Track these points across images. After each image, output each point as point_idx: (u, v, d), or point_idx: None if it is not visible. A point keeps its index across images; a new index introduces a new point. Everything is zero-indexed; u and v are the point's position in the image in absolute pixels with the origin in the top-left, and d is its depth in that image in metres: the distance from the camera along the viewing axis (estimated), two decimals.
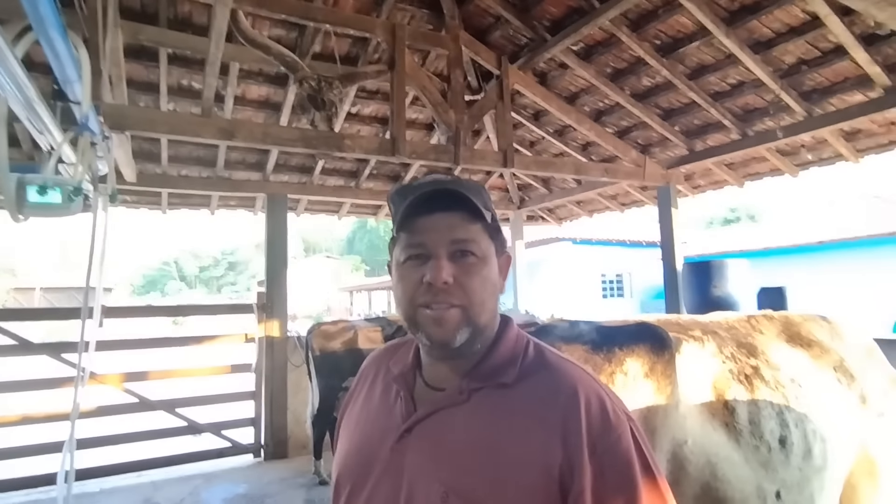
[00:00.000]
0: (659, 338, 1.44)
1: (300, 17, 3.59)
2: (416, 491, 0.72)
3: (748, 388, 1.43)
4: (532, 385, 0.75)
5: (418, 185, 0.79)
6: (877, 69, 3.42)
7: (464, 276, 0.74)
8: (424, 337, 0.76)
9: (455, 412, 0.76)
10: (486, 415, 0.74)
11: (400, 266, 0.78)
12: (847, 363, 1.70)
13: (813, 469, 1.42)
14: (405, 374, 0.84)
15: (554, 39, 3.98)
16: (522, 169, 4.80)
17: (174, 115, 4.16)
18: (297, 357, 4.81)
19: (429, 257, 0.75)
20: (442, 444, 0.74)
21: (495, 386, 0.76)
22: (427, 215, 0.75)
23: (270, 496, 3.97)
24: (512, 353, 0.79)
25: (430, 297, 0.74)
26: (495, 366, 0.77)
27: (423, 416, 0.77)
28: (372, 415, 0.85)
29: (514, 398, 0.74)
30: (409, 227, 0.76)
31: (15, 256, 39.78)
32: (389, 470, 0.76)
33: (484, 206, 0.77)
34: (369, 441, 0.82)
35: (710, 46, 3.83)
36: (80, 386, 2.38)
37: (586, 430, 0.69)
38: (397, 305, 0.80)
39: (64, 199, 1.98)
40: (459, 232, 0.75)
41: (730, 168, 5.29)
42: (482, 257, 0.77)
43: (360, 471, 0.80)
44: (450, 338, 0.74)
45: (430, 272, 0.73)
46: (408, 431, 0.77)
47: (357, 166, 5.92)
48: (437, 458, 0.73)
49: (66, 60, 1.92)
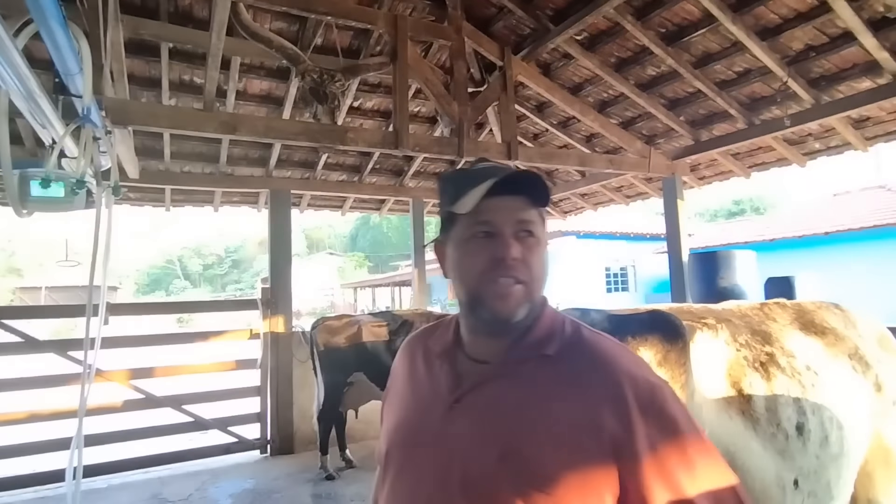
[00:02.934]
0: (672, 326, 1.41)
1: (301, 10, 3.56)
2: (470, 456, 0.77)
3: (764, 376, 1.40)
4: (574, 356, 0.81)
5: (477, 169, 0.86)
6: (885, 55, 3.36)
7: (527, 254, 0.80)
8: (486, 311, 0.80)
9: (502, 382, 0.81)
10: (533, 383, 0.79)
11: (464, 243, 0.82)
12: (861, 351, 1.68)
13: (830, 456, 1.40)
14: (448, 350, 0.89)
15: (557, 29, 3.94)
16: (526, 161, 4.76)
17: (176, 110, 4.14)
18: (303, 352, 4.80)
19: (494, 235, 0.80)
20: (492, 411, 0.79)
21: (539, 357, 0.81)
22: (495, 197, 0.79)
23: (277, 491, 3.97)
24: (551, 328, 0.84)
25: (500, 272, 0.78)
26: (538, 339, 0.83)
27: (471, 387, 0.82)
28: (416, 391, 0.91)
29: (558, 368, 0.80)
30: (477, 206, 0.79)
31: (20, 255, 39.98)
32: (440, 439, 0.81)
33: (545, 193, 0.83)
34: (417, 415, 0.87)
35: (717, 34, 3.77)
36: (87, 383, 2.37)
37: (633, 396, 0.74)
38: (460, 280, 0.83)
39: (67, 193, 1.97)
40: (523, 214, 0.81)
41: (736, 158, 5.24)
42: (540, 238, 0.83)
43: (409, 442, 0.85)
44: (512, 312, 0.79)
45: (502, 248, 0.78)
46: (456, 402, 0.82)
47: (360, 161, 5.89)
48: (488, 425, 0.78)
49: (67, 53, 1.90)
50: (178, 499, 3.88)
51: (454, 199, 0.82)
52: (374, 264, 38.78)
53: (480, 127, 5.46)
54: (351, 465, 4.40)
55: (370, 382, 4.20)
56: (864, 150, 4.40)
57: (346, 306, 28.34)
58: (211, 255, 50.07)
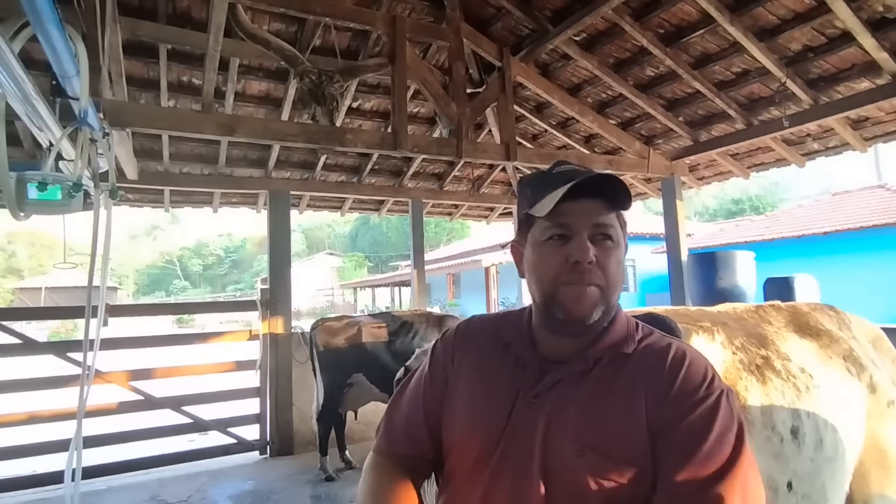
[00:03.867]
0: (668, 329, 1.41)
1: (299, 11, 3.56)
2: (550, 450, 0.80)
3: (759, 379, 1.40)
4: (648, 354, 0.84)
5: (556, 172, 0.87)
6: (884, 55, 3.37)
7: (603, 258, 0.81)
8: (560, 312, 0.81)
9: (579, 380, 0.83)
10: (607, 382, 0.82)
11: (540, 245, 0.84)
12: (856, 353, 1.68)
13: (824, 459, 1.40)
14: (525, 346, 0.90)
15: (556, 30, 3.94)
16: (525, 162, 4.77)
17: (175, 112, 4.14)
18: (302, 353, 4.80)
19: (570, 238, 0.81)
20: (571, 407, 0.81)
21: (616, 356, 0.84)
22: (572, 200, 0.80)
23: (277, 492, 3.97)
24: (627, 330, 0.87)
25: (575, 275, 0.80)
26: (616, 339, 0.85)
27: (551, 385, 0.84)
28: (490, 383, 0.90)
29: (631, 367, 0.83)
30: (554, 209, 0.80)
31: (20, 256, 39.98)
32: (519, 434, 0.83)
33: (625, 197, 0.83)
34: (496, 407, 0.87)
35: (715, 34, 3.78)
36: (87, 384, 2.37)
37: (681, 382, 0.78)
38: (535, 281, 0.85)
39: (64, 196, 1.97)
40: (601, 217, 0.82)
41: (735, 158, 5.24)
42: (617, 242, 0.84)
43: (487, 436, 0.85)
44: (587, 314, 0.80)
45: (577, 251, 0.80)
46: (536, 398, 0.84)
47: (359, 162, 5.89)
48: (567, 421, 0.81)
49: (64, 55, 1.90)
50: (178, 500, 3.88)
51: (532, 202, 0.84)
52: (373, 264, 38.79)
53: (479, 128, 5.46)
54: (350, 467, 4.40)
55: (369, 383, 4.20)
56: (862, 151, 4.41)
57: (346, 306, 28.35)
58: (211, 256, 50.10)
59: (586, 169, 0.87)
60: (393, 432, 0.98)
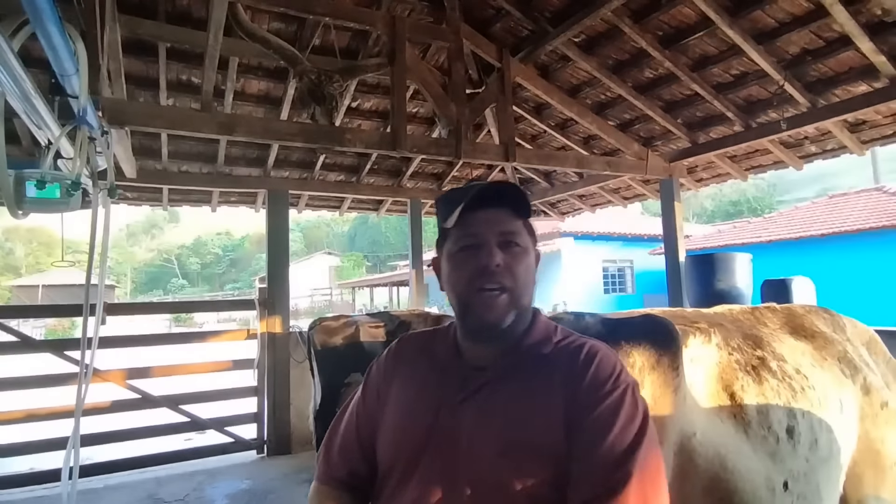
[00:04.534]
0: (665, 330, 1.42)
1: (299, 10, 3.56)
2: (475, 454, 0.82)
3: (755, 380, 1.42)
4: (563, 354, 0.88)
5: (467, 188, 0.90)
6: (882, 59, 3.38)
7: (512, 262, 0.86)
8: (475, 318, 0.86)
9: (500, 384, 0.87)
10: (527, 382, 0.86)
11: (454, 256, 0.89)
12: (850, 354, 1.69)
13: (819, 459, 1.42)
14: (451, 356, 0.94)
15: (555, 31, 3.95)
16: (524, 163, 4.78)
17: (173, 110, 4.14)
18: (300, 353, 4.80)
19: (480, 246, 0.85)
20: (493, 410, 0.85)
21: (534, 358, 0.88)
22: (479, 211, 0.86)
23: (274, 492, 3.97)
24: (545, 334, 0.91)
25: (485, 279, 0.84)
26: (533, 343, 0.90)
27: (474, 390, 0.87)
28: (416, 395, 0.94)
29: (549, 367, 0.87)
30: (462, 221, 0.86)
31: (18, 253, 39.86)
32: (444, 441, 0.85)
33: (526, 204, 0.89)
34: (421, 417, 0.90)
35: (713, 37, 3.79)
36: (84, 383, 2.37)
37: (591, 377, 0.83)
38: (451, 290, 0.89)
39: (62, 194, 1.97)
40: (506, 225, 0.87)
41: (733, 161, 5.26)
42: (524, 248, 0.88)
43: (415, 443, 0.88)
44: (499, 319, 0.85)
45: (485, 257, 0.84)
46: (460, 404, 0.87)
47: (358, 161, 5.89)
48: (491, 422, 0.84)
49: (64, 54, 1.90)
50: (175, 499, 3.87)
51: (445, 217, 0.88)
52: (372, 264, 38.79)
53: (478, 128, 5.46)
54: None
55: None
56: (860, 154, 4.43)
57: (344, 306, 28.33)
58: (209, 254, 50.02)
59: (500, 182, 0.95)
60: (330, 457, 1.02)
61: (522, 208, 0.89)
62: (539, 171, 6.58)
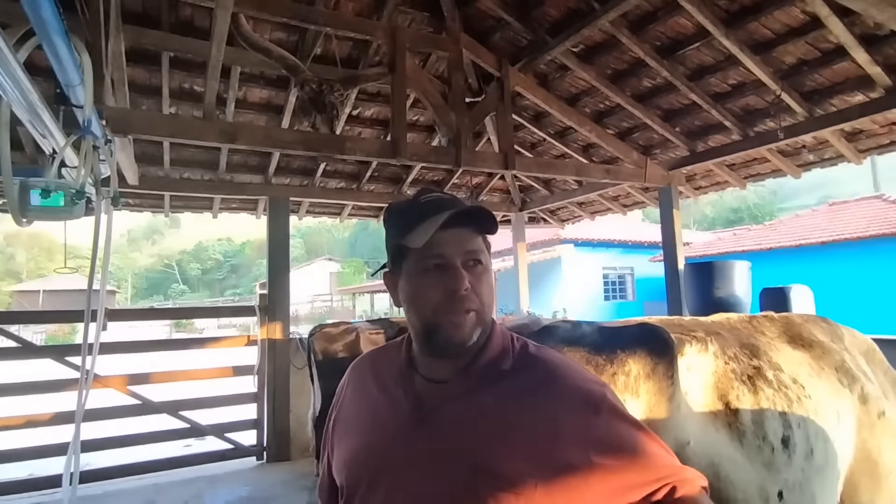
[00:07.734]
0: (661, 339, 1.43)
1: (301, 21, 3.60)
2: (441, 473, 0.78)
3: (751, 389, 1.43)
4: (526, 372, 0.85)
5: (424, 202, 0.88)
6: (877, 69, 3.42)
7: (476, 283, 0.84)
8: (442, 339, 0.83)
9: (463, 400, 0.83)
10: (492, 399, 0.82)
11: (418, 276, 0.85)
12: (848, 364, 1.70)
13: (815, 469, 1.42)
14: (403, 373, 0.90)
15: (554, 41, 3.99)
16: (523, 171, 4.80)
17: (176, 119, 4.17)
18: (300, 359, 4.81)
19: (447, 268, 0.83)
20: (457, 428, 0.81)
21: (496, 374, 0.85)
22: (444, 230, 0.82)
23: (273, 499, 3.97)
24: (503, 346, 0.88)
25: (454, 304, 0.82)
26: (493, 357, 0.86)
27: (434, 408, 0.84)
28: (374, 416, 0.90)
29: (513, 382, 0.83)
30: (427, 241, 0.82)
31: (19, 259, 39.90)
32: (408, 461, 0.82)
33: (491, 223, 0.86)
34: (378, 439, 0.86)
35: (711, 48, 3.83)
36: (85, 388, 2.38)
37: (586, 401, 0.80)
38: (415, 311, 0.86)
39: (66, 203, 1.99)
40: (470, 244, 0.85)
41: (731, 169, 5.29)
42: (486, 266, 0.86)
43: (373, 467, 0.85)
44: (467, 339, 0.82)
45: (453, 282, 0.82)
46: (419, 422, 0.83)
47: (358, 169, 5.92)
48: (455, 441, 0.80)
49: (69, 64, 1.93)
50: None
51: (404, 233, 0.84)
52: (372, 270, 38.72)
53: (478, 136, 5.50)
54: None
55: None
56: (857, 163, 4.45)
57: (344, 312, 28.30)
58: (210, 260, 50.04)
59: (450, 196, 0.90)
60: (320, 483, 1.04)
61: (487, 226, 0.86)
62: (538, 178, 6.61)
